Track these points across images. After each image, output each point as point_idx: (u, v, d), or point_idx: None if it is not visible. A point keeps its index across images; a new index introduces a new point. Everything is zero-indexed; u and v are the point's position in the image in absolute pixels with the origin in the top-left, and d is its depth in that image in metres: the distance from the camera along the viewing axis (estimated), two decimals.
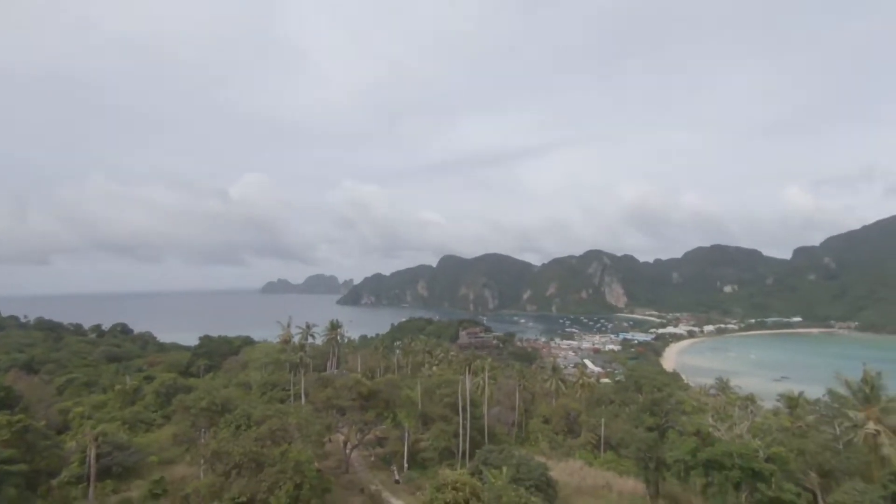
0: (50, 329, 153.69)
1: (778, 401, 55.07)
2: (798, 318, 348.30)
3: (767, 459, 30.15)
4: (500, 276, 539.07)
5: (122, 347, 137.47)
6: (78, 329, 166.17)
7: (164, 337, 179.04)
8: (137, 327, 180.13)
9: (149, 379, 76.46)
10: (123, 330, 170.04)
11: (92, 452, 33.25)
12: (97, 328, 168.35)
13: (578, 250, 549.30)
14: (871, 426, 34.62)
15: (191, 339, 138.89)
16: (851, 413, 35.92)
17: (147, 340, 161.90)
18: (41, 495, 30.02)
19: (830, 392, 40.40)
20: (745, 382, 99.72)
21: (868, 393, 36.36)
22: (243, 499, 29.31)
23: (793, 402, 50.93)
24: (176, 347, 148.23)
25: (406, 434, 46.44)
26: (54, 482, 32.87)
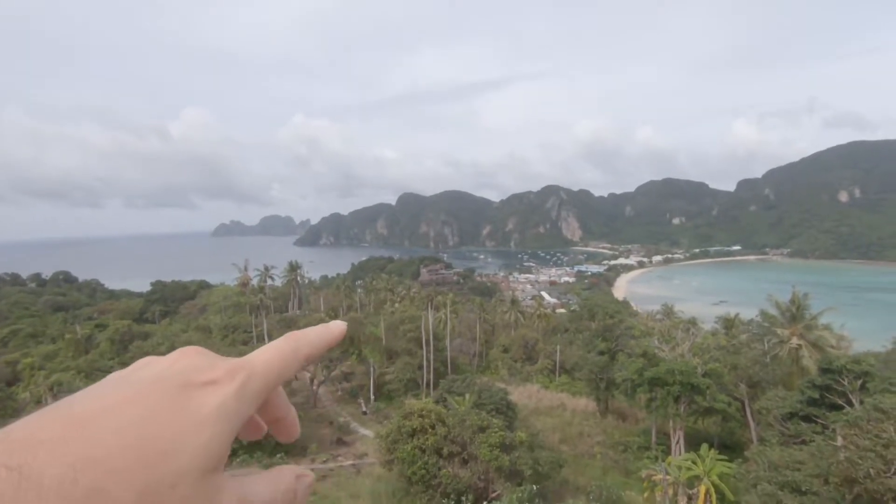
0: None
1: (716, 323, 59.79)
2: (738, 247, 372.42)
3: (704, 375, 33.18)
4: (460, 212, 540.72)
5: (67, 296, 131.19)
6: (15, 279, 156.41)
7: (113, 284, 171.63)
8: (82, 275, 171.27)
9: (101, 327, 74.00)
10: (66, 278, 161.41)
11: (49, 402, 32.50)
12: (37, 277, 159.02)
13: (536, 186, 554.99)
14: (794, 341, 38.44)
15: (142, 286, 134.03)
16: (779, 331, 39.58)
17: (95, 288, 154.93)
18: None
19: (763, 313, 44.10)
20: (688, 307, 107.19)
21: (795, 312, 39.99)
22: None
23: (729, 323, 55.54)
24: (127, 294, 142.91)
25: (371, 368, 47.84)
26: None
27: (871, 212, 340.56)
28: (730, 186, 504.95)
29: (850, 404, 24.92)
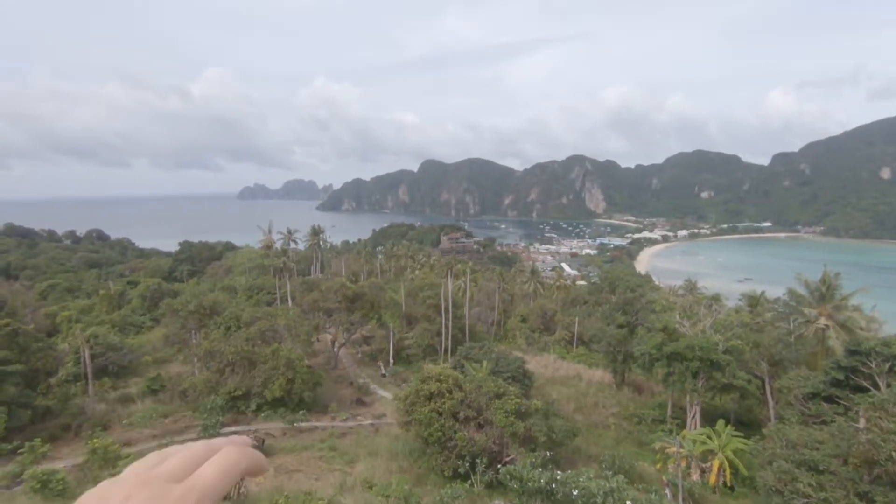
0: (22, 235, 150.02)
1: (740, 300, 58.63)
2: (768, 223, 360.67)
3: (725, 351, 32.81)
4: (482, 181, 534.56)
5: (100, 253, 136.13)
6: (52, 235, 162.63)
7: (143, 243, 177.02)
8: (113, 233, 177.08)
9: (132, 284, 76.84)
10: (100, 236, 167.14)
11: (86, 353, 34.21)
12: (72, 234, 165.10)
13: (561, 155, 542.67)
14: (822, 321, 37.50)
15: (170, 245, 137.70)
16: (807, 310, 38.59)
17: (126, 246, 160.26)
18: (41, 392, 31.34)
19: (790, 291, 42.96)
20: (712, 283, 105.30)
21: (824, 292, 38.84)
22: (239, 392, 31.14)
23: (754, 301, 54.38)
24: (156, 253, 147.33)
25: (391, 333, 48.69)
26: (52, 380, 34.12)
27: None
28: (764, 160, 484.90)
29: (877, 387, 24.40)
